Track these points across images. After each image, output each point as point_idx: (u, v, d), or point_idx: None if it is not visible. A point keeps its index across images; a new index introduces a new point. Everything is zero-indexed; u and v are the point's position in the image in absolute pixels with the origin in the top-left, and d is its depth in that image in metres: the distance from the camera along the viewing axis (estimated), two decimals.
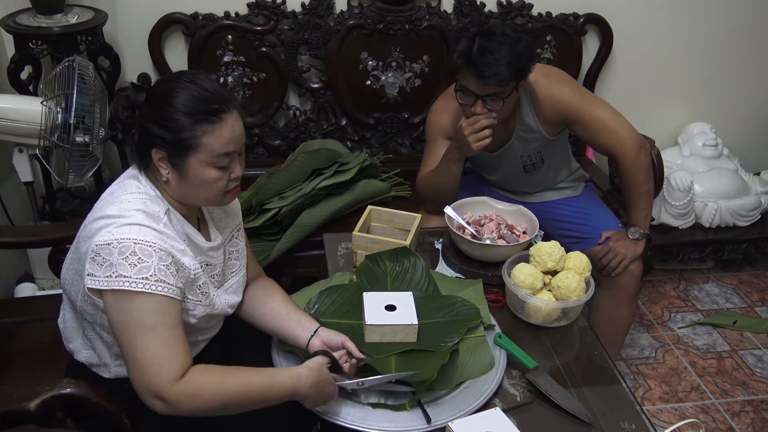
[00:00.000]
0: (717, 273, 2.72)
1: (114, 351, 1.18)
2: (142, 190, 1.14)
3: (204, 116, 1.09)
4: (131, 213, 1.08)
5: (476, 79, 1.60)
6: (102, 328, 1.15)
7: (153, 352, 1.04)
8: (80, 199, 2.28)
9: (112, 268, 1.04)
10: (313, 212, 2.06)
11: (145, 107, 1.12)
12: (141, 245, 1.05)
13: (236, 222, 1.34)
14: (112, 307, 1.06)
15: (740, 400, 2.09)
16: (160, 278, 1.05)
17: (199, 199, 1.17)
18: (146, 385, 1.04)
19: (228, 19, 2.26)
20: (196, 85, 1.10)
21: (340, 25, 2.30)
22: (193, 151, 1.10)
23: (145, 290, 1.04)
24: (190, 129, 1.09)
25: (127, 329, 1.05)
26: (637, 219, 1.80)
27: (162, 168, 1.12)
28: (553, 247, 1.46)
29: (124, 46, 2.29)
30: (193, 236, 1.18)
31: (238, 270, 1.31)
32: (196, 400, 1.05)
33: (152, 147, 1.11)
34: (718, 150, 2.67)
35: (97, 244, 1.05)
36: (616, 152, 1.75)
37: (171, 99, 1.09)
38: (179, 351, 1.06)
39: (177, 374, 1.03)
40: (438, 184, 1.82)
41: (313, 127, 2.46)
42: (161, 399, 1.03)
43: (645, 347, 2.30)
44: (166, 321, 1.06)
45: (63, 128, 1.75)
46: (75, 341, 1.24)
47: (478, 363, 1.29)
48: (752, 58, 2.70)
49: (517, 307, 1.46)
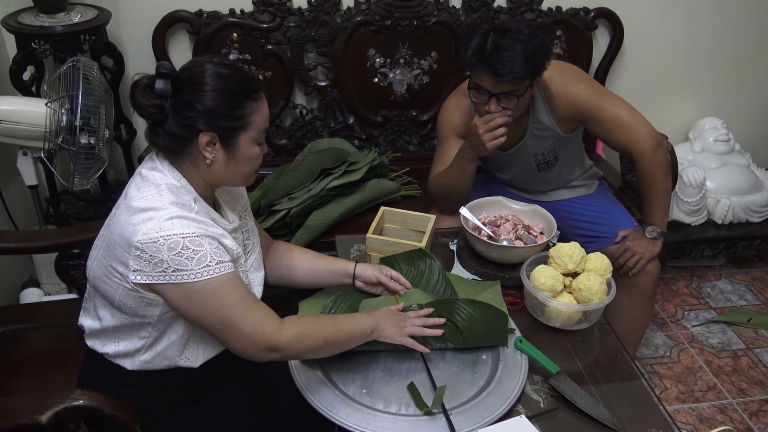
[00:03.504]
0: (729, 270, 2.69)
1: (149, 342, 1.18)
2: (167, 180, 1.13)
3: (250, 94, 1.13)
4: (167, 206, 1.08)
5: (490, 77, 1.56)
6: (143, 318, 1.15)
7: (251, 318, 1.11)
8: (85, 201, 2.24)
9: (164, 264, 1.05)
10: (322, 213, 2.02)
11: (182, 93, 1.10)
12: (190, 237, 1.06)
13: (242, 202, 1.35)
14: (185, 301, 1.09)
15: (758, 399, 2.06)
16: (218, 260, 1.08)
17: (238, 179, 1.20)
18: (259, 346, 1.12)
19: (233, 16, 2.22)
20: (229, 66, 1.14)
21: (347, 21, 2.27)
22: (244, 130, 1.13)
23: (212, 275, 1.07)
24: (242, 107, 1.12)
25: (214, 314, 1.09)
26: (655, 217, 1.77)
27: (207, 152, 1.13)
28: (573, 248, 1.42)
29: (128, 45, 2.25)
30: (217, 220, 1.19)
31: (254, 247, 1.33)
32: (304, 339, 1.15)
33: (198, 132, 1.11)
34: (730, 145, 2.63)
35: (140, 241, 1.06)
36: (633, 150, 1.71)
37: (214, 81, 1.10)
38: (266, 308, 1.15)
39: (279, 325, 1.14)
40: (451, 184, 1.78)
41: (320, 126, 2.43)
42: (275, 349, 1.13)
43: (659, 346, 2.27)
44: (242, 290, 1.12)
45: (68, 130, 1.71)
46: (104, 334, 1.21)
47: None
48: (763, 53, 2.66)
49: (536, 310, 1.42)
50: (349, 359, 1.29)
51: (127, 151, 2.35)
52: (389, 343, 1.29)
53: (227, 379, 1.31)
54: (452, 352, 1.33)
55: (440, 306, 1.33)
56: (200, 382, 1.26)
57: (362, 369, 1.28)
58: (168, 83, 1.10)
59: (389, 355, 1.31)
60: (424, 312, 1.32)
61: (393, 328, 1.26)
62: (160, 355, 1.20)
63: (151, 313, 1.14)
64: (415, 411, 1.18)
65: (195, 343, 1.22)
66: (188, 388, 1.25)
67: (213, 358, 1.24)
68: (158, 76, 1.10)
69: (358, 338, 1.23)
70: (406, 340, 1.27)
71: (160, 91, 1.09)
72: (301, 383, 1.23)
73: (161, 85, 1.09)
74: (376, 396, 1.21)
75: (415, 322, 1.29)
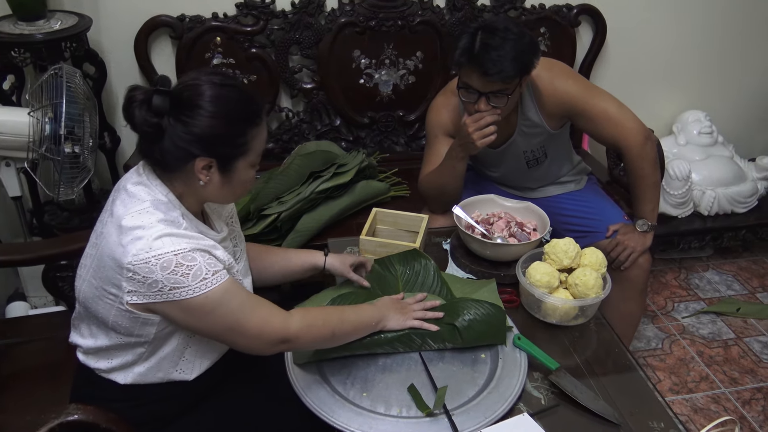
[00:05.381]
0: (716, 260, 2.72)
1: (144, 357, 1.16)
2: (154, 196, 1.10)
3: (253, 119, 1.10)
4: (155, 224, 1.05)
5: (480, 76, 1.56)
6: (139, 337, 1.13)
7: (257, 317, 1.11)
8: (69, 211, 2.20)
9: (159, 284, 1.03)
10: (312, 216, 2.01)
11: (181, 115, 1.05)
12: (182, 254, 1.04)
13: (229, 209, 1.34)
14: (187, 316, 1.07)
15: (750, 387, 2.08)
16: (214, 270, 1.07)
17: (229, 199, 1.19)
18: (269, 341, 1.12)
19: (216, 20, 2.20)
20: (232, 88, 1.09)
21: (332, 23, 2.25)
22: (243, 156, 1.11)
23: (210, 288, 1.05)
24: (243, 134, 1.09)
25: (219, 323, 1.09)
26: (645, 211, 1.78)
27: (203, 175, 1.10)
28: (568, 244, 1.43)
29: (110, 52, 2.22)
30: (206, 233, 1.17)
31: (242, 254, 1.32)
32: (312, 329, 1.15)
33: (195, 155, 1.07)
34: (713, 137, 2.66)
35: (131, 263, 1.03)
36: (622, 144, 1.72)
37: (216, 106, 1.06)
38: (270, 303, 1.14)
39: (286, 317, 1.13)
40: (442, 183, 1.78)
41: (306, 129, 2.41)
42: (285, 341, 1.13)
43: (651, 339, 2.29)
44: (242, 293, 1.11)
45: (52, 139, 1.68)
46: (97, 352, 1.19)
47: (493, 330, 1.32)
48: (743, 45, 2.70)
49: (533, 307, 1.42)
50: (347, 362, 1.28)
51: (111, 160, 2.31)
52: (387, 345, 1.28)
53: (223, 385, 1.29)
54: (451, 352, 1.32)
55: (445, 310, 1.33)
56: (194, 394, 1.24)
57: (361, 371, 1.27)
58: (166, 100, 1.05)
59: (388, 357, 1.30)
60: (421, 296, 1.37)
61: (397, 316, 1.29)
62: (154, 368, 1.17)
63: (147, 332, 1.12)
64: (417, 413, 1.17)
65: (190, 356, 1.20)
66: (182, 400, 1.23)
67: (207, 370, 1.22)
68: (156, 92, 1.05)
69: (363, 329, 1.25)
70: (413, 323, 1.29)
71: (158, 108, 1.04)
72: (299, 387, 1.22)
73: (159, 102, 1.04)
74: (377, 399, 1.20)
75: (416, 308, 1.32)
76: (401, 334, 1.30)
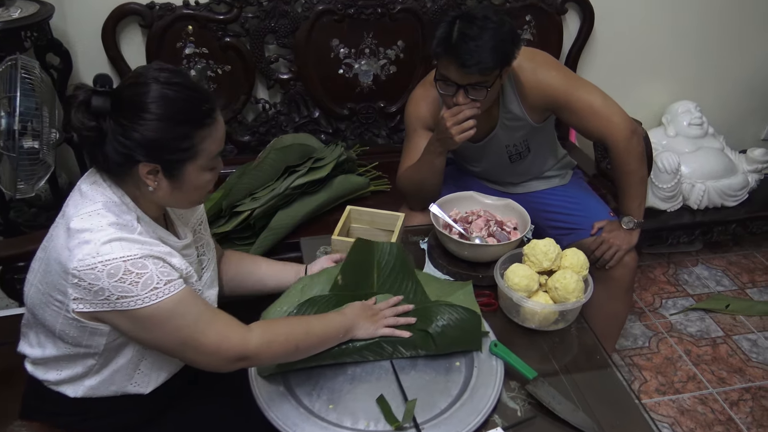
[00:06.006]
0: (705, 255, 2.67)
1: (96, 370, 1.09)
2: (108, 197, 1.03)
3: (200, 121, 1.02)
4: (104, 228, 0.98)
5: (457, 68, 1.48)
6: (88, 348, 1.06)
7: (213, 332, 1.03)
8: (36, 207, 2.12)
9: (105, 292, 0.96)
10: (287, 213, 1.93)
11: (120, 118, 0.97)
12: (131, 260, 0.97)
13: (197, 215, 1.26)
14: (135, 327, 1.00)
15: (738, 388, 2.03)
16: (167, 280, 1.00)
17: (185, 204, 1.13)
18: (226, 358, 1.04)
19: (187, 8, 2.11)
20: (179, 87, 1.00)
21: (309, 11, 2.16)
22: (191, 160, 1.03)
23: (162, 298, 0.98)
24: (189, 138, 1.00)
25: (170, 336, 1.01)
26: (631, 208, 1.71)
27: (149, 180, 1.02)
28: (548, 245, 1.36)
29: (76, 42, 2.12)
30: (165, 238, 1.10)
31: (209, 263, 1.25)
32: (273, 345, 1.07)
33: (138, 161, 0.99)
34: (704, 129, 2.60)
35: (77, 268, 0.96)
36: (607, 138, 1.65)
37: (158, 108, 0.97)
38: (228, 317, 1.07)
39: (245, 332, 1.06)
40: (420, 179, 1.71)
41: (284, 121, 2.33)
42: (244, 358, 1.06)
43: (638, 337, 2.23)
44: (198, 305, 1.04)
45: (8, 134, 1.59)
46: (45, 363, 1.12)
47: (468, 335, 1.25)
48: (735, 34, 2.63)
49: (511, 311, 1.36)
50: (314, 371, 1.21)
51: (80, 154, 2.22)
52: (356, 354, 1.22)
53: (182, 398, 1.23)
54: (424, 359, 1.26)
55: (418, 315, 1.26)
56: (150, 408, 1.17)
57: (328, 382, 1.20)
58: (107, 100, 0.97)
59: (357, 366, 1.24)
60: (394, 300, 1.28)
61: (367, 324, 1.22)
62: (106, 381, 1.11)
63: (96, 343, 1.05)
64: (385, 426, 1.10)
65: (146, 368, 1.13)
66: (137, 415, 1.17)
67: (164, 383, 1.16)
68: (95, 93, 0.97)
69: (331, 340, 1.18)
70: (384, 331, 1.22)
71: (97, 110, 0.97)
72: (261, 398, 1.15)
73: (98, 103, 0.97)
74: (344, 411, 1.14)
75: (387, 313, 1.25)
76: (371, 342, 1.23)
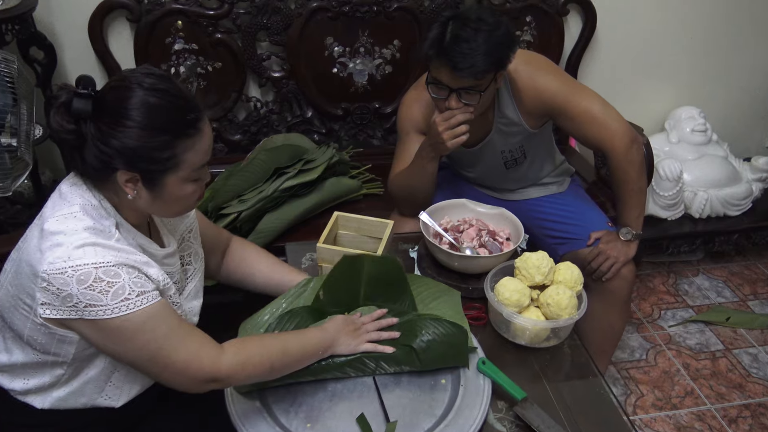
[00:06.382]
0: (707, 265, 2.60)
1: (65, 380, 1.04)
2: (87, 200, 0.98)
3: (183, 130, 0.97)
4: (79, 231, 0.93)
5: (449, 72, 1.42)
6: (56, 357, 1.01)
7: (184, 350, 0.99)
8: (20, 204, 2.06)
9: (74, 298, 0.92)
10: (275, 216, 1.87)
11: (101, 123, 0.93)
12: (103, 268, 0.93)
13: (187, 223, 1.20)
14: (102, 338, 0.96)
15: (737, 404, 1.97)
16: (140, 291, 0.95)
17: (168, 214, 1.09)
18: (195, 379, 1.00)
19: (177, 2, 2.04)
20: (162, 94, 0.95)
21: (302, 7, 2.10)
22: (172, 171, 0.98)
23: (133, 310, 0.94)
24: (170, 148, 0.95)
25: (139, 351, 0.97)
26: (629, 218, 1.65)
27: (128, 188, 0.97)
28: (540, 259, 1.30)
29: (61, 35, 2.06)
30: (146, 246, 1.05)
31: (195, 274, 1.20)
32: (247, 367, 1.03)
33: (116, 169, 0.95)
34: (707, 135, 2.53)
35: (46, 272, 0.91)
36: (606, 147, 1.59)
37: (139, 114, 0.93)
38: (202, 335, 1.03)
39: (217, 353, 1.01)
40: (412, 185, 1.65)
41: (276, 120, 2.27)
42: (215, 380, 1.01)
43: (635, 349, 2.17)
44: (171, 320, 0.99)
45: None
46: (12, 370, 1.07)
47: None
48: (742, 39, 2.56)
49: (501, 326, 1.30)
50: (293, 387, 1.16)
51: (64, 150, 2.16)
52: (337, 371, 1.16)
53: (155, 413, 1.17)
54: (408, 375, 1.20)
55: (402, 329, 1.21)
56: (121, 423, 1.12)
57: (307, 398, 1.15)
58: (88, 103, 0.93)
59: (338, 382, 1.18)
60: (378, 313, 1.23)
61: (349, 340, 1.17)
62: (76, 393, 1.06)
63: (65, 351, 1.00)
64: None
65: (118, 381, 1.08)
66: (107, 429, 1.11)
67: (137, 396, 1.10)
68: (76, 95, 0.93)
69: (310, 358, 1.13)
70: (366, 347, 1.17)
71: (78, 112, 0.93)
72: (236, 416, 1.09)
73: (80, 106, 0.92)
74: (322, 430, 1.09)
75: (370, 327, 1.20)
76: (353, 358, 1.18)
